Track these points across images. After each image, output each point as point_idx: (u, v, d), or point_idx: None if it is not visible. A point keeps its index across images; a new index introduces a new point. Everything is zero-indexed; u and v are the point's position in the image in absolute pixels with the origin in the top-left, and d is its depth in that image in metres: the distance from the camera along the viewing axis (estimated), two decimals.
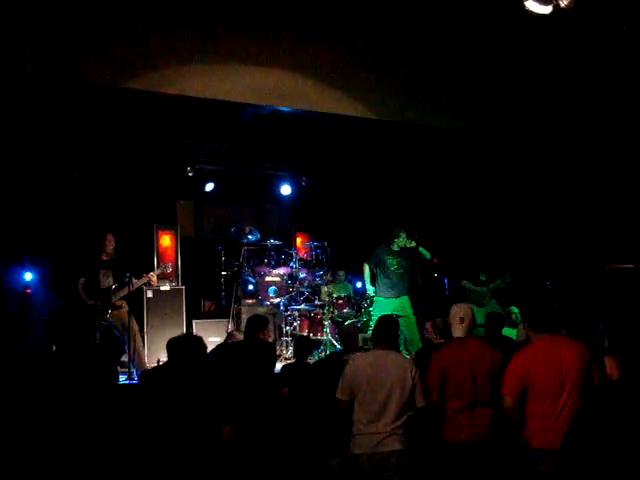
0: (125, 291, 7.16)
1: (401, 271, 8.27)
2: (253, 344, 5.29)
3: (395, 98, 7.91)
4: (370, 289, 8.48)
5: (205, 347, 4.12)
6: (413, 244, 8.25)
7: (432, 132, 8.77)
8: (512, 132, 8.82)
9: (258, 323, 5.45)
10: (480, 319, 7.31)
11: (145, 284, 7.63)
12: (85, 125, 8.23)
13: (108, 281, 7.32)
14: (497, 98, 8.57)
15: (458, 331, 4.51)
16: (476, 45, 7.74)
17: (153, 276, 7.51)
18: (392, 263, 8.26)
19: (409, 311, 8.22)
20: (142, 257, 8.23)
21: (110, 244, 7.41)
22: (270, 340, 5.89)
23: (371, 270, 8.50)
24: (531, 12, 6.09)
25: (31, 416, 3.52)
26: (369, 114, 7.82)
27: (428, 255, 8.39)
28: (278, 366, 6.09)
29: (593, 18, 6.77)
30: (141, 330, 7.79)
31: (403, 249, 8.32)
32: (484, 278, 9.27)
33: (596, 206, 9.45)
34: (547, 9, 5.91)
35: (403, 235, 8.32)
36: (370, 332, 7.14)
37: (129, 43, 6.44)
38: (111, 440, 3.58)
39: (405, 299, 8.30)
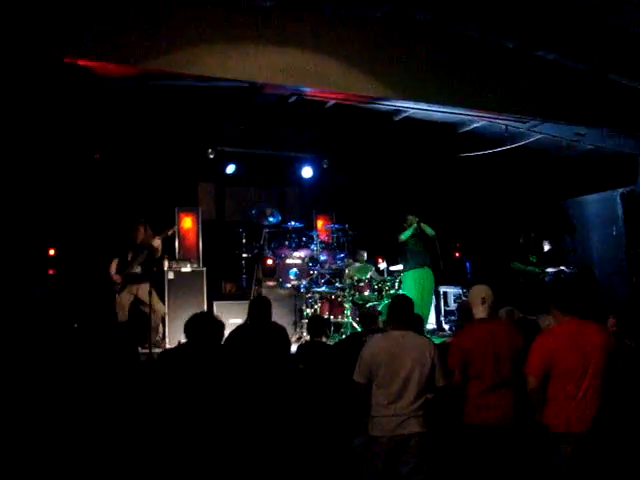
0: (139, 260, 7.76)
1: (421, 243, 8.85)
2: (266, 327, 5.30)
3: (418, 79, 7.78)
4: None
5: (222, 326, 4.11)
6: (416, 219, 8.79)
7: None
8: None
9: (267, 306, 5.47)
10: None
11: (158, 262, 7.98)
12: (107, 107, 8.23)
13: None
14: (524, 81, 8.39)
15: (480, 312, 4.45)
16: (501, 26, 7.59)
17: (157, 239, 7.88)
18: (411, 242, 8.88)
19: (428, 281, 8.80)
20: (164, 239, 8.24)
21: (141, 235, 7.88)
22: None
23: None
24: None
25: (51, 394, 3.55)
26: (391, 94, 7.71)
27: (430, 230, 8.82)
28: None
29: None
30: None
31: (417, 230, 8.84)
32: (534, 260, 9.21)
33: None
34: None
35: (410, 217, 8.88)
36: None
37: (149, 23, 6.37)
38: (127, 416, 3.59)
39: (428, 269, 8.87)
